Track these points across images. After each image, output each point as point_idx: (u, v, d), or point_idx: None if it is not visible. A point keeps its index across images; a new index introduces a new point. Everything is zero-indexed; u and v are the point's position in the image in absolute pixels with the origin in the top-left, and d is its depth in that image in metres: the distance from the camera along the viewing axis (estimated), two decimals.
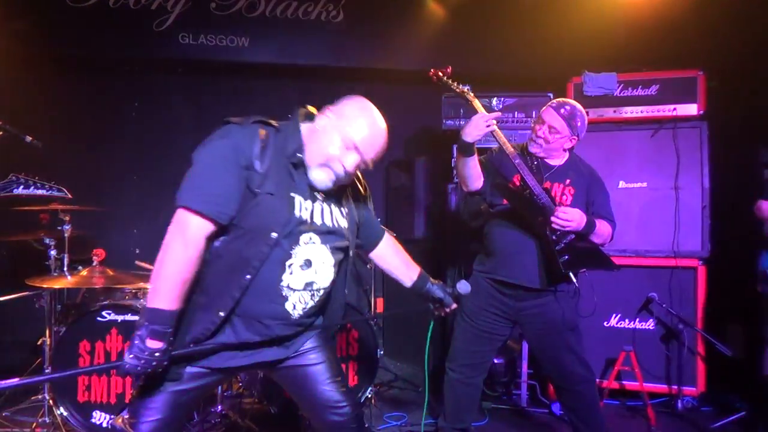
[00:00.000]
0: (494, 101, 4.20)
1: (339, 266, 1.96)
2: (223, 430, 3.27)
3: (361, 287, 4.13)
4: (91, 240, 3.70)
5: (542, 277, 2.75)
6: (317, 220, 1.84)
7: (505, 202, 2.85)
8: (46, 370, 3.21)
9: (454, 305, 2.17)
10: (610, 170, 3.72)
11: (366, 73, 4.83)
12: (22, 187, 2.98)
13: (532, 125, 2.88)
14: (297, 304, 1.84)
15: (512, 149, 2.70)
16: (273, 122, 1.84)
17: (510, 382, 4.04)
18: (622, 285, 3.80)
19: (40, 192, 3.02)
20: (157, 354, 1.63)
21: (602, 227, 2.77)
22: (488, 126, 2.59)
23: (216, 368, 1.85)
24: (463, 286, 2.13)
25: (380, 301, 4.40)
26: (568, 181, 2.82)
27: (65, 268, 3.31)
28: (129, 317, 3.13)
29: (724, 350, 3.65)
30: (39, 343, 3.33)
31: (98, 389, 3.14)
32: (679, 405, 3.74)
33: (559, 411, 3.61)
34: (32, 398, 3.46)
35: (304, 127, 1.85)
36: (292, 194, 1.79)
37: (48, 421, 3.20)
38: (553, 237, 2.69)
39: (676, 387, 3.77)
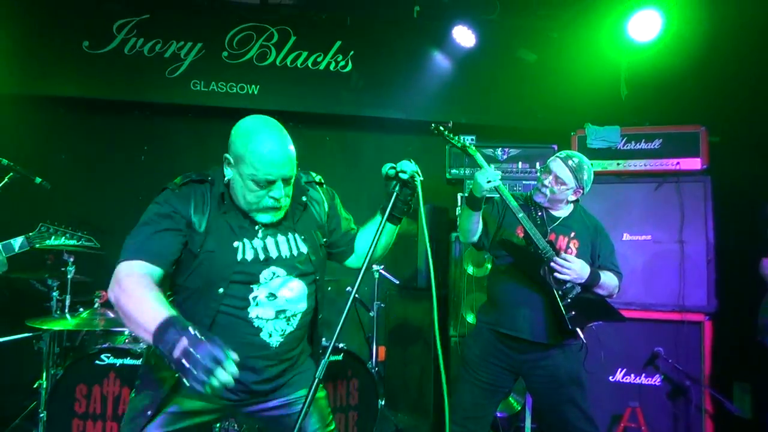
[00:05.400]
0: (498, 151, 4.26)
1: (313, 293, 1.95)
2: None
3: (363, 335, 4.08)
4: (95, 282, 3.69)
5: (549, 331, 2.72)
6: (273, 254, 1.86)
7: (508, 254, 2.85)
8: (41, 415, 3.15)
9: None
10: (614, 222, 3.72)
11: (373, 122, 4.91)
12: (53, 237, 2.96)
13: (539, 175, 2.90)
14: (273, 332, 1.85)
15: (516, 204, 2.71)
16: (208, 176, 1.88)
17: None
18: (627, 339, 3.75)
19: (70, 243, 3.00)
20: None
21: (608, 279, 2.75)
22: (489, 182, 2.61)
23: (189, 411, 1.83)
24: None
25: (382, 350, 4.34)
26: (572, 233, 2.82)
27: (66, 310, 3.29)
28: (128, 361, 3.09)
29: (732, 408, 3.58)
30: (35, 386, 3.27)
31: None
32: None
33: None
34: None
35: (228, 172, 1.86)
36: (236, 244, 1.81)
37: None
38: (560, 292, 2.68)
39: None
